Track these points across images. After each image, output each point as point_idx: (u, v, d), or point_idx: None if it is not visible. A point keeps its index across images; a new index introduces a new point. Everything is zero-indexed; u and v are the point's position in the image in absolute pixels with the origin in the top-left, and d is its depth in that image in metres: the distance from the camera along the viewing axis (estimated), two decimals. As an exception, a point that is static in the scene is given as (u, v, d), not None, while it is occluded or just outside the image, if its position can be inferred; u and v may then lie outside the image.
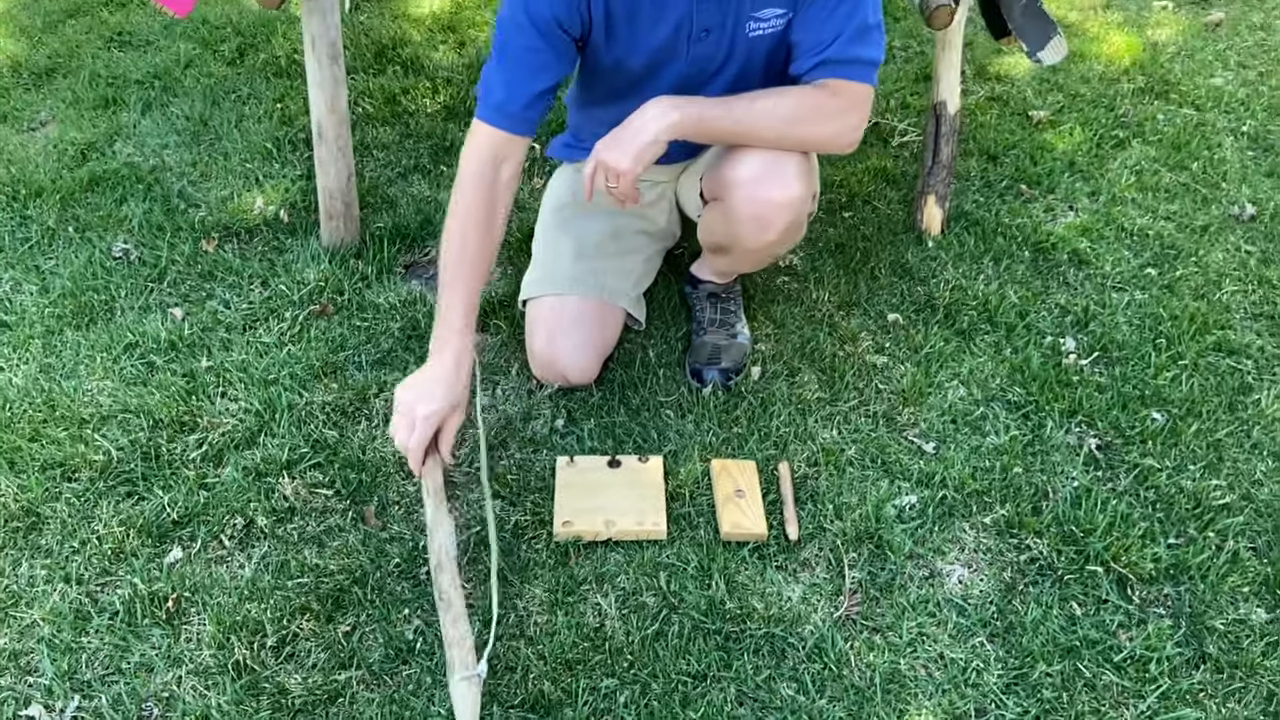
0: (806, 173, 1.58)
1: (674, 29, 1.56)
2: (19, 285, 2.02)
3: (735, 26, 1.56)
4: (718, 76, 1.63)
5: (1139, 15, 3.01)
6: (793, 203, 1.56)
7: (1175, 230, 2.25)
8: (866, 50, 1.53)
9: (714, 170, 1.64)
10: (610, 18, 1.55)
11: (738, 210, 1.59)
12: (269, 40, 2.72)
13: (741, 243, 1.65)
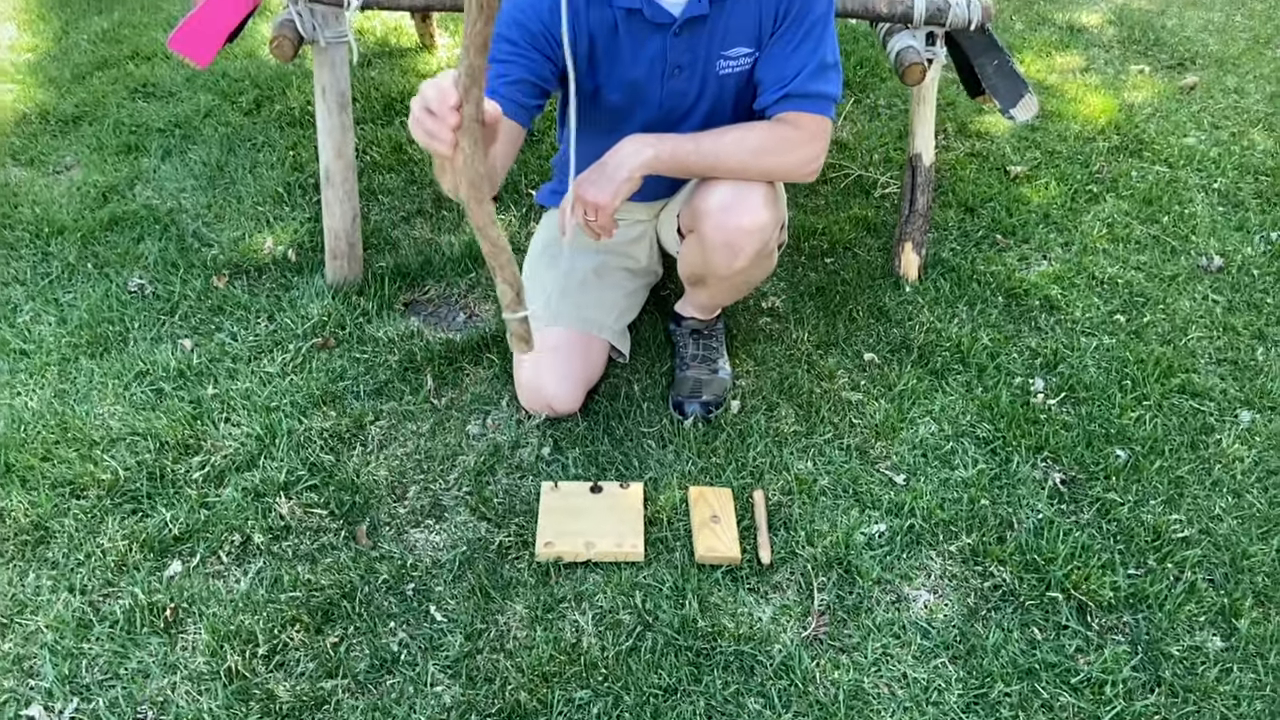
0: (773, 201, 1.69)
1: (649, 65, 1.68)
2: (39, 316, 2.13)
3: (706, 65, 1.69)
4: (691, 114, 1.75)
5: (1116, 79, 3.13)
6: (761, 228, 1.67)
7: (1144, 279, 2.34)
8: (826, 86, 1.65)
9: (688, 203, 1.75)
10: (594, 49, 1.67)
11: (709, 238, 1.69)
12: (284, 92, 2.86)
13: (715, 270, 1.75)
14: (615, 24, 1.65)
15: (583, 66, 1.69)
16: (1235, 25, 3.50)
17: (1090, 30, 3.41)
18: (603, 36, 1.66)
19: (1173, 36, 3.38)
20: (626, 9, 1.63)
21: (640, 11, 1.62)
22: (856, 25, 3.30)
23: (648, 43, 1.66)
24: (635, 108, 1.73)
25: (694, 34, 1.66)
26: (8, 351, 2.04)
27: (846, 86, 3.03)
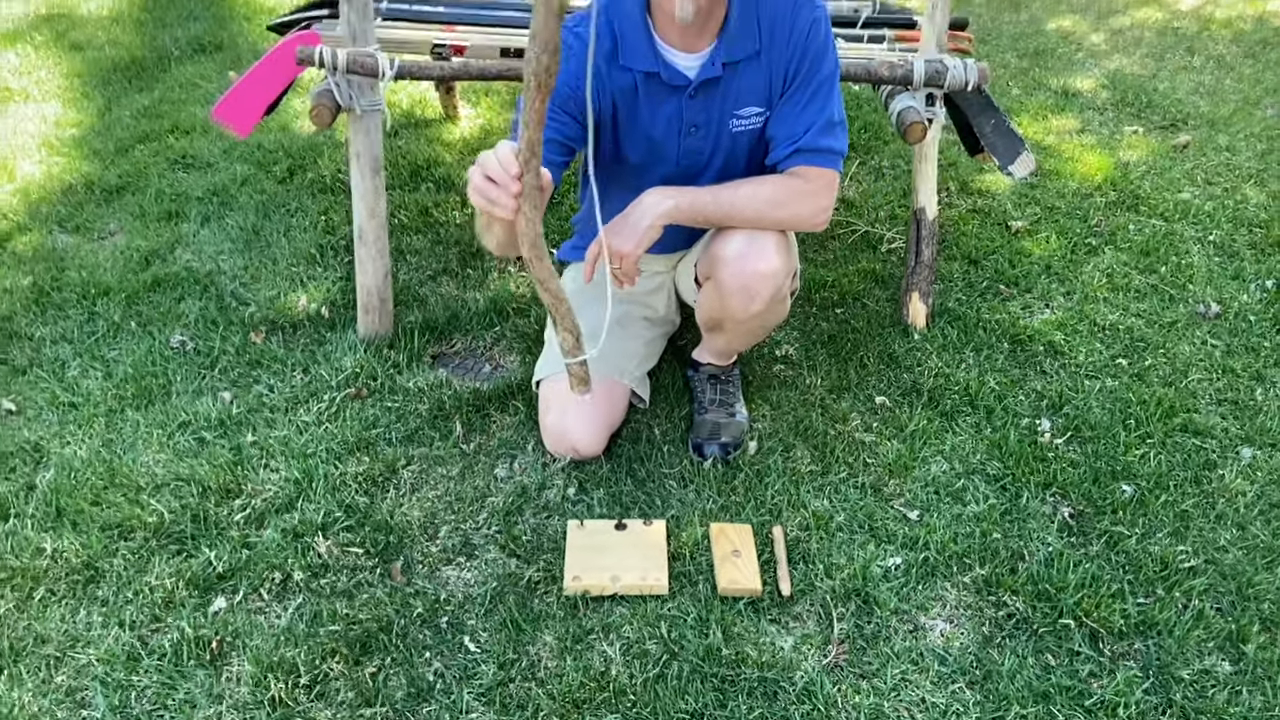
0: (786, 249, 1.79)
1: (666, 124, 1.80)
2: (86, 371, 2.23)
3: (720, 123, 1.81)
4: (706, 169, 1.86)
5: (1110, 139, 3.26)
6: (775, 274, 1.77)
7: (1145, 326, 2.43)
8: (833, 142, 1.77)
9: (705, 252, 1.86)
10: (616, 110, 1.80)
11: (726, 283, 1.79)
12: (316, 161, 3.01)
13: (732, 314, 1.84)
14: (635, 87, 1.78)
15: (606, 126, 1.81)
16: (1225, 88, 3.64)
17: (1084, 94, 3.55)
18: (623, 98, 1.79)
19: (1164, 99, 3.52)
20: (645, 72, 1.76)
21: (658, 75, 1.75)
22: (859, 91, 3.45)
23: (665, 104, 1.79)
24: (654, 164, 1.85)
25: (708, 95, 1.78)
26: (57, 404, 2.14)
27: (852, 149, 3.17)
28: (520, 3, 2.59)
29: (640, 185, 1.77)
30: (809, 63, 1.76)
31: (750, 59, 1.77)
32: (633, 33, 1.74)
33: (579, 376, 1.53)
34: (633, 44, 1.74)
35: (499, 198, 1.35)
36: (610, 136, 1.84)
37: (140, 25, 3.83)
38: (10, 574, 1.75)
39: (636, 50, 1.75)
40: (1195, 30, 4.07)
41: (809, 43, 1.75)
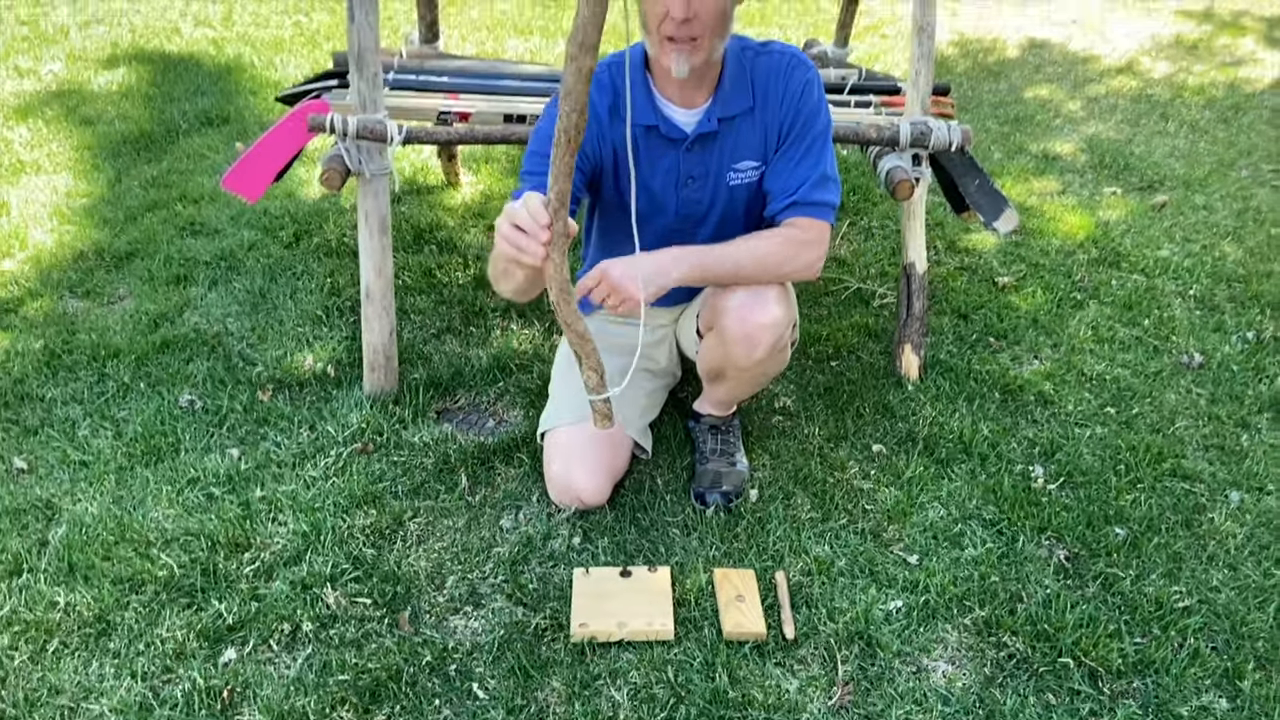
0: (785, 299, 1.87)
1: (665, 176, 1.90)
2: (96, 430, 2.27)
3: (717, 176, 1.90)
4: (705, 221, 1.95)
5: (1091, 199, 3.37)
6: (776, 323, 1.84)
7: (1131, 376, 2.49)
8: (826, 195, 1.86)
9: (707, 303, 1.93)
10: (617, 161, 1.90)
11: (729, 332, 1.85)
12: (321, 226, 3.09)
13: (735, 362, 1.90)
14: (636, 141, 1.87)
15: (608, 176, 1.91)
16: (1200, 151, 3.77)
17: (1064, 158, 3.67)
18: (624, 150, 1.88)
19: (1141, 162, 3.64)
20: (645, 126, 1.86)
21: (656, 128, 1.85)
22: (848, 155, 3.56)
23: (664, 157, 1.88)
24: (654, 215, 1.93)
25: (705, 149, 1.88)
26: (68, 463, 2.17)
27: (843, 210, 3.26)
28: (520, 73, 2.69)
29: (642, 235, 1.84)
30: (802, 120, 1.85)
31: (745, 115, 1.87)
32: (635, 90, 1.84)
33: (603, 413, 1.61)
34: (635, 100, 1.85)
35: (528, 245, 1.45)
36: (612, 186, 1.94)
37: (149, 100, 3.94)
38: (24, 627, 1.77)
39: (638, 106, 1.85)
40: (1169, 97, 4.22)
41: (802, 102, 1.84)
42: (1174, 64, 4.55)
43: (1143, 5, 5.20)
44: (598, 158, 1.89)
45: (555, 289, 1.51)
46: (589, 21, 1.32)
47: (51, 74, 4.17)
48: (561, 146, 1.40)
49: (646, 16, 1.75)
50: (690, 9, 1.68)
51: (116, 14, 4.80)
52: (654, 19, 1.73)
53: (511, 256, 1.49)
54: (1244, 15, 5.06)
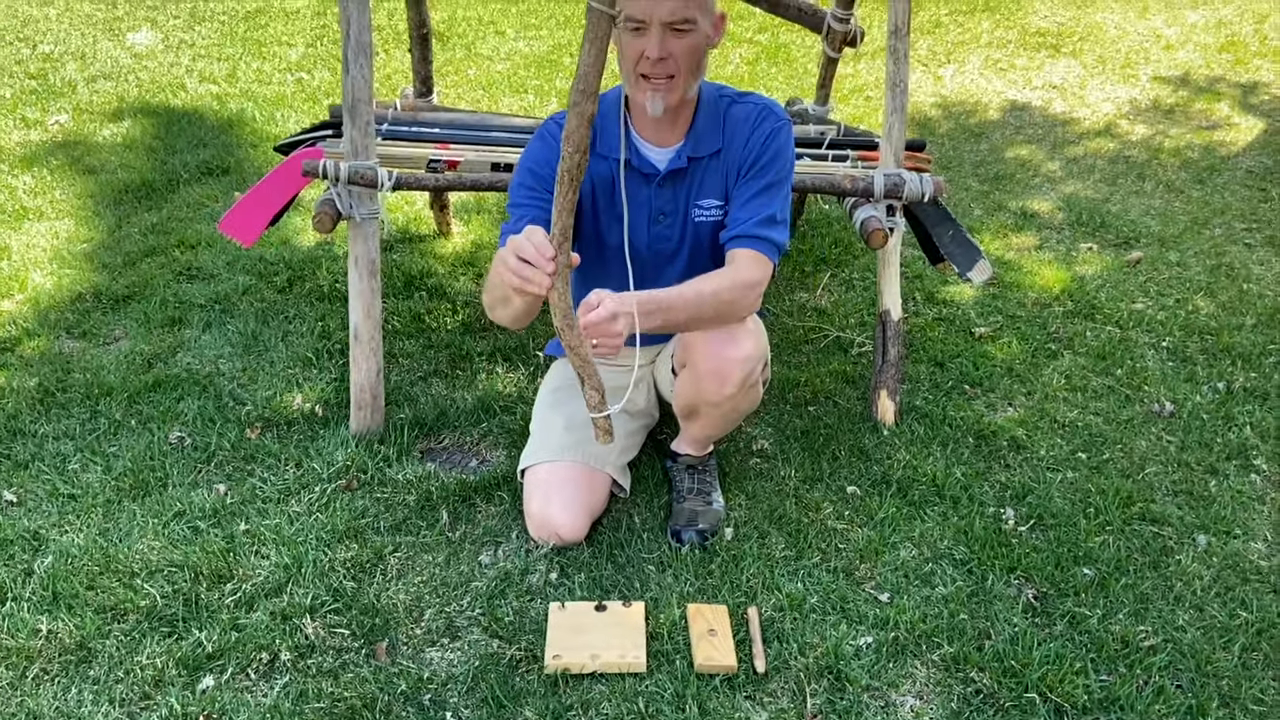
0: (756, 335, 1.94)
1: (638, 209, 2.00)
2: (87, 465, 2.31)
3: (685, 213, 2.01)
4: (675, 258, 2.04)
5: (1067, 255, 3.45)
6: (746, 358, 1.90)
7: (1103, 423, 2.55)
8: (771, 233, 1.93)
9: (681, 340, 1.99)
10: (594, 195, 2.01)
11: (700, 367, 1.92)
12: (314, 272, 3.16)
13: (706, 397, 1.96)
14: (611, 175, 1.99)
15: (586, 209, 2.02)
16: (1174, 210, 3.86)
17: (1042, 215, 3.76)
18: (601, 185, 2.01)
19: (1117, 220, 3.73)
20: (619, 160, 1.98)
21: (629, 162, 1.98)
22: (830, 209, 3.65)
23: (638, 192, 1.99)
24: (625, 249, 2.02)
25: (675, 186, 1.98)
26: (57, 496, 2.21)
27: (823, 262, 3.34)
28: (509, 125, 2.79)
29: (618, 268, 1.96)
30: (763, 161, 1.95)
31: (713, 156, 1.97)
32: (611, 126, 1.97)
33: (604, 429, 1.71)
34: (610, 135, 1.97)
35: (534, 276, 1.57)
36: (590, 219, 2.04)
37: (152, 151, 4.05)
38: (6, 653, 1.80)
39: (612, 141, 1.97)
40: (1145, 158, 4.33)
41: (765, 146, 1.94)
42: (1151, 127, 4.67)
43: (1121, 71, 5.36)
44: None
45: (560, 316, 1.62)
46: (590, 69, 1.43)
47: (58, 125, 4.28)
48: (565, 185, 1.51)
49: (624, 58, 1.87)
50: (665, 48, 1.82)
51: (124, 70, 4.93)
52: (631, 59, 1.85)
53: (517, 286, 1.59)
54: (1219, 81, 5.21)
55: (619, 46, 1.88)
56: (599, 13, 1.40)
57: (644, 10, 1.79)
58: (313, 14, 5.82)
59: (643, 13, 1.80)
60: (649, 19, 1.80)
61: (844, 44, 3.02)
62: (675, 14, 1.79)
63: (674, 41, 1.82)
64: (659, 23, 1.80)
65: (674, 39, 1.82)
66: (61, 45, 5.23)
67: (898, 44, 2.35)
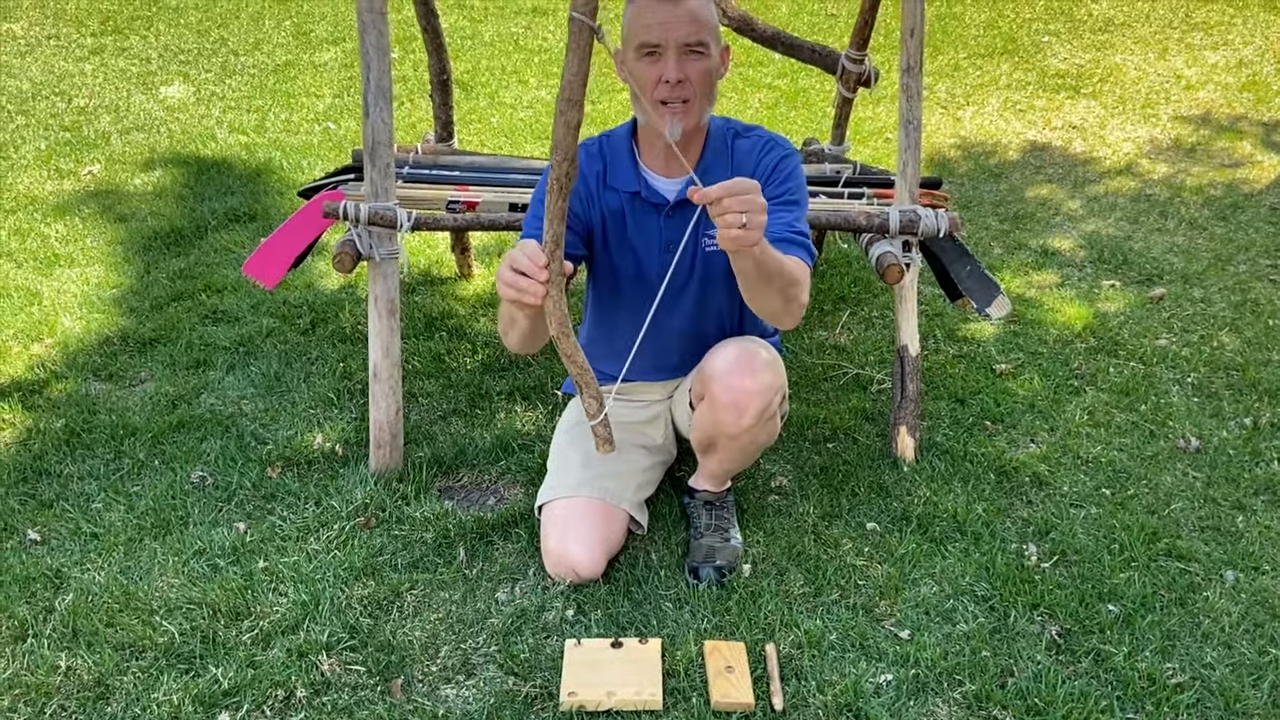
0: (773, 366, 1.95)
1: (648, 240, 2.03)
2: (109, 505, 2.33)
3: (695, 242, 2.03)
4: (686, 289, 2.06)
5: (1089, 292, 3.43)
6: (763, 390, 1.90)
7: (1127, 459, 2.51)
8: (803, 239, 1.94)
9: (699, 374, 2.00)
10: (605, 227, 2.05)
11: (718, 399, 1.92)
12: (337, 315, 3.20)
13: (724, 429, 1.95)
14: (622, 207, 2.03)
15: (598, 240, 2.06)
16: (1198, 246, 3.84)
17: (1063, 253, 3.75)
18: (612, 217, 2.04)
19: (1140, 257, 3.71)
20: (630, 192, 2.02)
21: (639, 193, 2.01)
22: (849, 248, 3.66)
23: (648, 221, 2.03)
24: (641, 279, 2.05)
25: (684, 215, 2.01)
26: (80, 534, 2.23)
27: (843, 300, 3.35)
28: (528, 167, 2.83)
29: (630, 303, 1.98)
30: (776, 181, 1.97)
31: None
32: (621, 159, 2.02)
33: (603, 437, 1.71)
34: (621, 168, 2.02)
35: (528, 286, 1.58)
36: (603, 249, 2.07)
37: (181, 199, 4.13)
38: (25, 689, 1.81)
39: (623, 173, 2.02)
40: (1168, 196, 4.32)
41: (776, 169, 1.98)
42: (1173, 166, 4.66)
43: (1141, 111, 5.36)
44: (588, 219, 2.05)
45: (555, 324, 1.63)
46: (574, 78, 1.48)
47: (90, 175, 4.38)
48: (554, 193, 1.54)
49: (641, 84, 1.91)
50: (682, 71, 1.87)
51: (156, 121, 5.05)
52: (649, 85, 1.89)
53: (513, 298, 1.61)
54: (1241, 120, 5.20)
55: (633, 76, 1.92)
56: (580, 23, 1.44)
57: (660, 35, 1.86)
58: (340, 66, 5.95)
59: (658, 37, 1.86)
60: (665, 42, 1.86)
61: (859, 84, 3.05)
62: (690, 36, 1.86)
63: (689, 65, 1.88)
64: (675, 45, 1.86)
65: (689, 62, 1.88)
66: (96, 99, 5.37)
67: (910, 82, 2.37)
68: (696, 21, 1.87)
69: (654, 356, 2.02)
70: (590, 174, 2.03)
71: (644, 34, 1.87)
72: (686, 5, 1.87)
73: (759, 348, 1.97)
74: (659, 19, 1.86)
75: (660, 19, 1.86)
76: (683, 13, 1.86)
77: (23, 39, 6.38)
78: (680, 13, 1.86)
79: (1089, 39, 6.52)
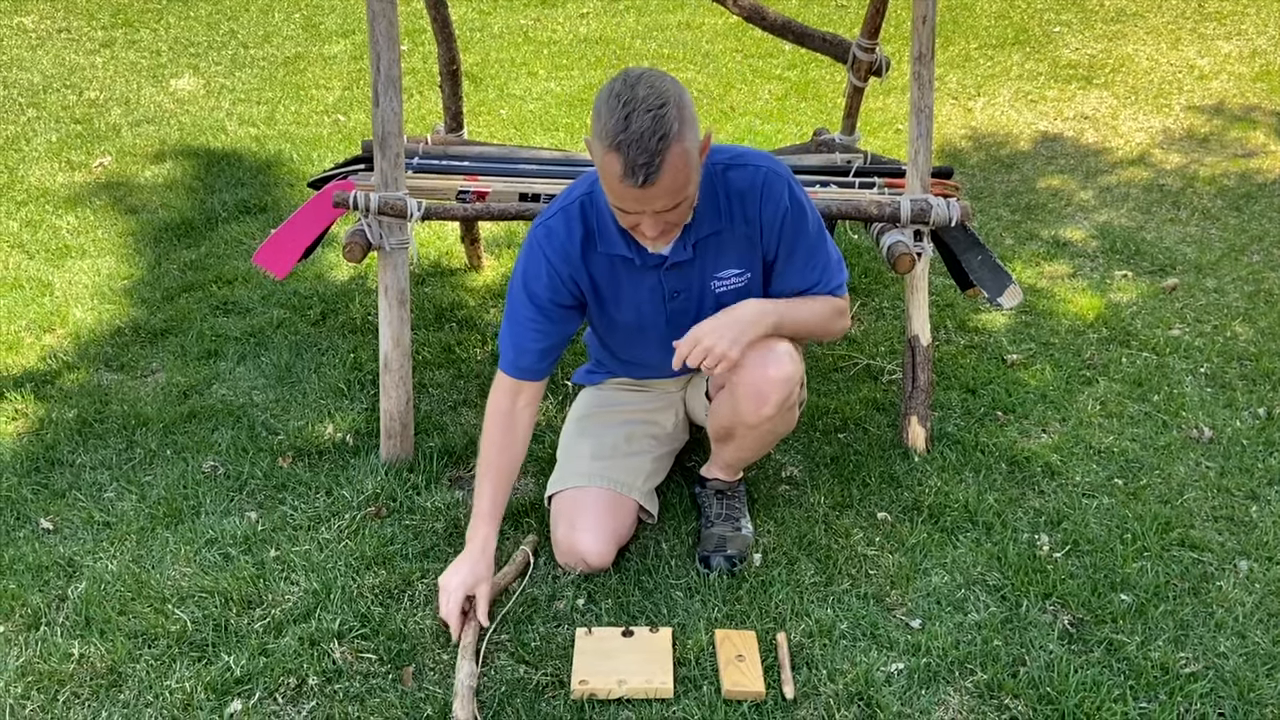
0: (795, 357, 1.93)
1: (650, 293, 1.95)
2: (122, 494, 2.34)
3: (702, 286, 1.95)
4: None
5: (1101, 282, 3.42)
6: (786, 379, 1.89)
7: (1140, 449, 2.50)
8: (840, 276, 1.99)
9: None
10: (596, 289, 1.96)
11: (740, 388, 1.91)
12: (347, 306, 3.20)
13: (744, 418, 1.94)
14: (614, 266, 1.92)
15: (592, 301, 1.98)
16: (1211, 237, 3.81)
17: (1075, 244, 3.73)
18: (603, 277, 1.94)
19: (1152, 247, 3.69)
20: (621, 256, 1.89)
21: (632, 260, 1.90)
22: (860, 239, 3.65)
23: (645, 277, 1.93)
24: (647, 326, 2.01)
25: (685, 269, 1.92)
26: (92, 523, 2.24)
27: (854, 291, 3.33)
28: (537, 157, 2.83)
29: (639, 339, 2.00)
30: (791, 238, 1.91)
31: (715, 234, 1.89)
32: (608, 225, 1.86)
33: None
34: (609, 233, 1.87)
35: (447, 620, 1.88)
36: (597, 306, 1.99)
37: (192, 191, 4.14)
38: (38, 677, 1.82)
39: (611, 239, 1.88)
40: (1180, 186, 4.29)
41: (784, 229, 1.89)
42: (1186, 156, 4.63)
43: (1154, 102, 5.33)
44: (578, 292, 1.94)
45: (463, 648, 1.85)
46: None
47: (101, 167, 4.39)
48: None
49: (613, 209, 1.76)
50: (660, 224, 1.72)
51: (167, 114, 5.06)
52: (620, 218, 1.75)
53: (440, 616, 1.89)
54: (1255, 110, 5.16)
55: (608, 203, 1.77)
56: None
57: (635, 208, 1.69)
58: (350, 58, 5.95)
59: (634, 208, 1.69)
60: (642, 212, 1.70)
61: (869, 74, 3.04)
62: (668, 205, 1.68)
63: (669, 215, 1.72)
64: (652, 214, 1.70)
65: (669, 213, 1.71)
66: (107, 92, 5.38)
67: (921, 70, 2.36)
68: (673, 190, 1.66)
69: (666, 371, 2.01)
70: (570, 245, 1.88)
71: (617, 200, 1.70)
72: (663, 183, 1.63)
73: (778, 339, 1.92)
74: (633, 196, 1.66)
75: (635, 196, 1.66)
76: (659, 191, 1.65)
77: (34, 32, 6.39)
78: (657, 191, 1.64)
79: (1101, 29, 6.47)
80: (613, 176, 1.65)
